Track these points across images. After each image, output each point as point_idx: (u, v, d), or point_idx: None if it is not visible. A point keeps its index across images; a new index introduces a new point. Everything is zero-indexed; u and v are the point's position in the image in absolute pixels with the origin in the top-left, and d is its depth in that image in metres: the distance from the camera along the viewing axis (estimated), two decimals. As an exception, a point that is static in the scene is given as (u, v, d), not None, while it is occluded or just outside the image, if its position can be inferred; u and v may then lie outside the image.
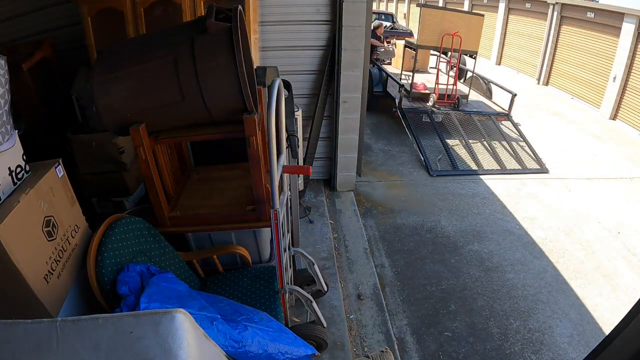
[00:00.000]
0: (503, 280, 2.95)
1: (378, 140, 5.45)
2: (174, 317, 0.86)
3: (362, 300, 2.66)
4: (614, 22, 7.12)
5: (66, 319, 0.86)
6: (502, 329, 2.54)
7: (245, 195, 2.05)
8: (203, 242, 2.03)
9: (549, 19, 8.94)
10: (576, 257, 3.25)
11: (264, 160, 1.85)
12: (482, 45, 12.60)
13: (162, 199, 1.85)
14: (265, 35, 3.21)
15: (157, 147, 1.83)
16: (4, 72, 1.23)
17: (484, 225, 3.61)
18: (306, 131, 3.53)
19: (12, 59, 1.50)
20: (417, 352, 2.38)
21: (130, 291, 1.42)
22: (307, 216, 3.33)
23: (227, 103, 1.63)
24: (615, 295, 2.87)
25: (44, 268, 1.30)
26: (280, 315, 1.73)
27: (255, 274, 1.95)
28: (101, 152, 2.44)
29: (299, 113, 3.16)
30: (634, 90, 6.72)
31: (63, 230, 1.42)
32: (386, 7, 19.55)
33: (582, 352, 2.37)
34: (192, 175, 2.31)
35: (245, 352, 1.34)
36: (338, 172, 3.82)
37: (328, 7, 3.24)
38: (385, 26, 9.92)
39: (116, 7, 2.40)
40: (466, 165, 4.72)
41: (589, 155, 5.29)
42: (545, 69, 9.23)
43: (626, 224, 3.72)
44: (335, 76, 3.40)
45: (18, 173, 1.30)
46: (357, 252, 3.14)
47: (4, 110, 1.24)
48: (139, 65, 1.59)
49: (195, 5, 2.44)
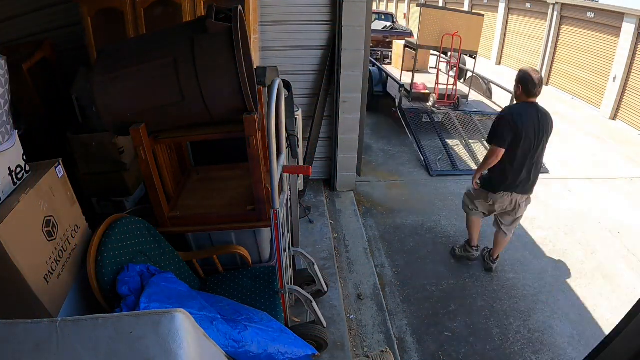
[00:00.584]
0: (503, 280, 2.94)
1: (378, 140, 5.45)
2: (174, 317, 0.86)
3: (362, 300, 2.66)
4: (614, 22, 7.12)
5: (66, 319, 0.86)
6: (502, 329, 2.54)
7: (245, 195, 2.05)
8: (203, 242, 2.03)
9: (549, 19, 8.95)
10: (576, 257, 3.25)
11: (264, 160, 1.85)
12: (482, 45, 12.63)
13: (162, 199, 1.85)
14: (265, 35, 3.21)
15: (157, 147, 1.83)
16: (4, 72, 1.23)
17: (484, 225, 3.59)
18: (306, 131, 3.53)
19: (12, 59, 1.50)
20: (417, 352, 2.38)
21: (130, 291, 1.42)
22: (307, 216, 3.33)
23: (227, 103, 1.63)
24: (615, 295, 2.87)
25: (44, 268, 1.30)
26: (280, 315, 1.73)
27: (255, 274, 1.95)
28: (101, 152, 2.44)
29: (299, 113, 3.16)
30: (634, 90, 6.73)
31: (63, 230, 1.41)
32: (386, 7, 19.57)
33: (582, 352, 2.37)
34: (192, 175, 2.31)
35: (245, 352, 1.34)
36: (338, 172, 3.82)
37: (328, 7, 3.23)
38: (385, 26, 9.94)
39: (116, 7, 2.40)
40: (466, 165, 4.71)
41: (589, 155, 5.29)
42: (545, 68, 9.24)
43: (626, 224, 3.71)
44: (335, 76, 3.40)
45: (18, 173, 1.30)
46: (357, 252, 3.14)
47: (4, 110, 1.24)
48: (139, 65, 1.59)
49: (195, 5, 2.44)
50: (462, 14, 5.89)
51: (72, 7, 2.53)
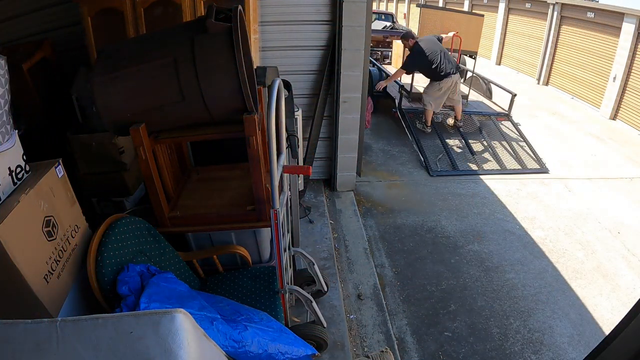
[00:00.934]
0: (503, 280, 2.95)
1: (378, 140, 5.45)
2: (174, 317, 0.86)
3: (362, 300, 2.66)
4: (614, 22, 7.12)
5: (66, 319, 0.86)
6: (502, 329, 2.54)
7: (245, 195, 2.05)
8: (203, 242, 2.03)
9: (549, 19, 8.94)
10: (576, 257, 3.25)
11: (264, 160, 1.85)
12: (482, 45, 12.64)
13: (162, 198, 1.85)
14: (265, 35, 3.20)
15: (157, 147, 1.83)
16: (4, 72, 1.23)
17: (484, 225, 3.61)
18: (306, 131, 3.53)
19: (12, 59, 1.50)
20: (417, 352, 2.38)
21: (130, 291, 1.42)
22: (307, 216, 3.33)
23: (227, 103, 1.63)
24: (615, 295, 2.87)
25: (44, 268, 1.30)
26: (280, 316, 1.73)
27: (255, 274, 1.95)
28: (101, 152, 2.44)
29: (299, 113, 3.15)
30: (634, 90, 6.72)
31: (63, 230, 1.42)
32: (386, 7, 19.55)
33: (582, 352, 2.37)
34: (192, 175, 2.31)
35: (245, 352, 1.34)
36: (338, 172, 3.82)
37: (328, 7, 3.23)
38: (385, 26, 9.94)
39: (116, 7, 2.40)
40: (466, 165, 4.71)
41: (589, 155, 5.29)
42: (545, 68, 9.23)
43: (626, 224, 3.72)
44: (335, 76, 3.40)
45: (18, 173, 1.30)
46: (357, 252, 3.14)
47: (4, 110, 1.24)
48: (139, 65, 1.59)
49: (195, 5, 2.44)
50: (461, 15, 5.94)
51: (72, 7, 2.53)
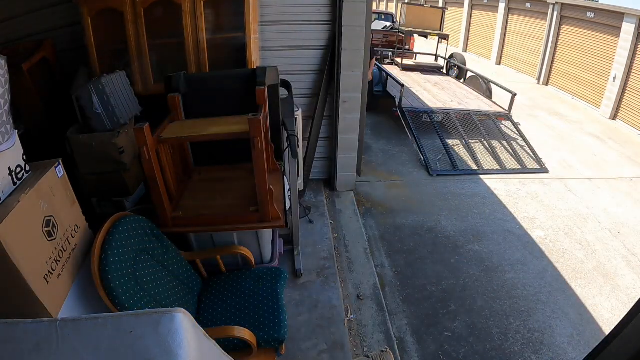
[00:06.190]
0: (503, 280, 2.94)
1: (378, 140, 5.45)
2: (173, 317, 0.86)
3: (362, 300, 2.66)
4: (614, 22, 7.12)
5: (66, 319, 0.86)
6: (502, 328, 2.54)
7: (247, 196, 2.04)
8: (205, 243, 2.03)
9: (549, 19, 8.94)
10: (576, 257, 3.25)
11: (267, 161, 1.84)
12: (482, 45, 12.64)
13: (165, 199, 1.85)
14: (265, 35, 3.20)
15: (160, 147, 1.83)
16: (4, 72, 1.23)
17: (484, 225, 3.61)
18: (306, 131, 3.53)
19: (12, 59, 1.50)
20: (417, 352, 2.37)
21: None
22: (307, 216, 3.33)
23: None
24: (615, 295, 2.87)
25: (44, 268, 1.29)
26: (283, 317, 1.72)
27: (259, 275, 1.93)
28: (101, 152, 2.43)
29: (299, 113, 3.15)
30: (634, 90, 6.72)
31: (63, 230, 1.41)
32: (386, 7, 19.55)
33: (582, 352, 2.37)
34: (194, 175, 2.30)
35: None
36: (338, 172, 3.82)
37: (328, 7, 3.23)
38: (385, 26, 9.93)
39: (116, 7, 2.40)
40: (466, 165, 4.71)
41: (589, 155, 5.29)
42: (545, 68, 9.23)
43: (626, 224, 3.71)
44: (335, 76, 3.40)
45: (18, 173, 1.30)
46: (357, 252, 3.13)
47: (4, 110, 1.24)
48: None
49: (195, 6, 2.44)
50: (430, 9, 8.71)
51: (72, 7, 2.53)
